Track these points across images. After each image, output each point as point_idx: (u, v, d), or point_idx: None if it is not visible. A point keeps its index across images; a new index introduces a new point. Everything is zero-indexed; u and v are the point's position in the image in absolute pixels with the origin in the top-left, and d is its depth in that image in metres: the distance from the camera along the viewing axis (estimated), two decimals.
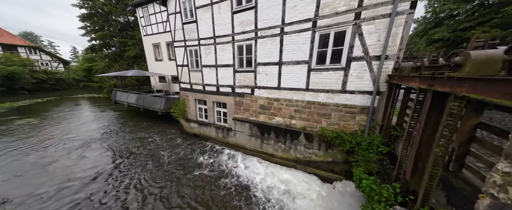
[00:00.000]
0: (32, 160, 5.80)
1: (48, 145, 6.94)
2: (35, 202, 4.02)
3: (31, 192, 4.32)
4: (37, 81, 19.78)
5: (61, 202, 4.04)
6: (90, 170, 5.33)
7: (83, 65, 22.75)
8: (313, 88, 4.58)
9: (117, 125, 9.66)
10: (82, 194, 4.30)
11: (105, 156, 6.27)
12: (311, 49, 4.37)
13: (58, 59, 26.87)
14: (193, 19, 6.52)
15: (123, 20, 15.35)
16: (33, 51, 23.96)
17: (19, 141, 7.23)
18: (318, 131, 4.70)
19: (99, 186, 4.63)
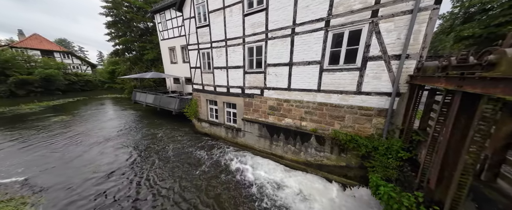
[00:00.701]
0: (64, 153, 6.48)
1: (78, 140, 7.71)
2: (66, 190, 4.50)
3: (63, 181, 4.84)
4: (69, 83, 22.05)
5: (88, 191, 4.50)
6: (111, 163, 5.82)
7: (108, 68, 25.00)
8: (325, 89, 4.45)
9: (136, 123, 10.40)
10: (104, 186, 4.71)
11: (124, 150, 6.79)
12: (323, 49, 4.26)
13: (86, 63, 29.67)
14: (206, 23, 6.80)
15: (142, 26, 16.54)
16: (66, 56, 26.75)
17: (54, 136, 8.12)
18: (331, 133, 4.53)
19: (118, 178, 5.05)
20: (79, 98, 18.33)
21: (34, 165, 5.63)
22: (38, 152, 6.49)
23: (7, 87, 17.13)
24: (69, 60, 26.77)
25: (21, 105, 14.17)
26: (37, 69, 19.02)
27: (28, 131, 8.58)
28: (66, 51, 27.00)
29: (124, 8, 15.29)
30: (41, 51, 23.61)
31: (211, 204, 4.10)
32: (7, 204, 3.89)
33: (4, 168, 5.42)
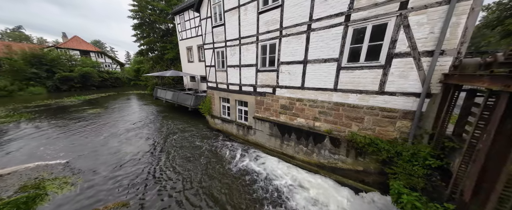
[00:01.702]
0: (97, 141, 7.31)
1: (108, 130, 8.64)
2: (98, 173, 5.10)
3: (96, 165, 5.47)
4: (102, 80, 24.69)
5: (116, 173, 5.11)
6: (135, 150, 6.52)
7: (134, 66, 27.31)
8: (343, 88, 4.19)
9: (156, 116, 11.26)
10: (130, 169, 5.27)
11: (145, 140, 7.46)
12: (342, 46, 4.01)
13: (116, 62, 32.88)
14: (222, 22, 6.95)
15: (164, 28, 17.67)
16: (100, 56, 29.94)
17: (89, 125, 9.21)
18: (347, 135, 4.27)
19: (141, 163, 5.65)
20: (110, 94, 20.36)
21: (73, 150, 6.44)
22: (76, 139, 7.43)
23: (53, 83, 19.84)
24: (102, 59, 29.92)
25: (64, 98, 16.30)
26: (77, 67, 21.71)
27: (68, 120, 9.86)
28: (100, 51, 30.24)
29: (148, 11, 16.45)
30: (80, 51, 26.88)
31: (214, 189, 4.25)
32: (53, 182, 4.56)
33: (50, 151, 6.31)
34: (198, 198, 4.17)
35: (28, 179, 4.68)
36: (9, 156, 5.93)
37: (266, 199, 4.13)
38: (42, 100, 15.18)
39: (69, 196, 4.11)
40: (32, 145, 6.80)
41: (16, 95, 17.00)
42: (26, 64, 18.23)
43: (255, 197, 4.19)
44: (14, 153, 6.13)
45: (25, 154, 6.06)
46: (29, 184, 4.42)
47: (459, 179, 2.38)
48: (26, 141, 7.15)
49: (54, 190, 4.25)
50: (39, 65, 19.05)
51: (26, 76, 18.21)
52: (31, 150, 6.39)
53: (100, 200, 4.03)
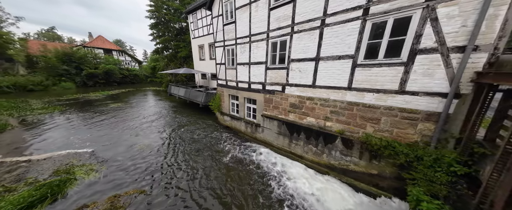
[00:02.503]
0: (118, 132, 7.87)
1: (128, 122, 9.29)
2: (119, 162, 5.48)
3: (117, 155, 5.89)
4: (123, 76, 26.39)
5: (135, 162, 5.49)
6: (151, 141, 7.01)
7: (150, 64, 28.78)
8: (358, 87, 3.96)
9: (169, 112, 11.83)
10: (147, 159, 5.64)
11: (160, 133, 7.91)
12: (358, 42, 3.78)
13: (135, 60, 34.84)
14: (233, 20, 6.95)
15: (178, 27, 18.28)
16: (121, 54, 31.90)
17: (111, 118, 9.91)
18: (361, 137, 4.05)
19: (154, 155, 5.97)
20: (129, 89, 21.68)
21: (98, 140, 6.97)
22: (100, 130, 8.04)
23: (81, 79, 21.62)
24: (122, 57, 31.88)
25: (90, 93, 17.64)
26: (101, 65, 23.40)
27: (94, 113, 10.71)
28: (121, 50, 32.24)
29: (164, 10, 17.12)
30: (103, 50, 28.87)
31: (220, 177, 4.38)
32: (81, 168, 4.99)
33: (77, 141, 6.89)
34: (203, 187, 4.35)
35: (60, 164, 5.17)
36: (45, 143, 6.60)
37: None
38: (72, 94, 16.65)
39: (94, 181, 4.48)
40: (63, 134, 7.50)
41: (50, 89, 18.78)
42: (58, 62, 20.09)
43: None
44: (49, 141, 6.80)
45: (58, 142, 6.71)
46: (61, 169, 4.88)
47: (489, 189, 2.16)
48: (58, 130, 7.90)
49: (82, 175, 4.65)
50: (69, 63, 20.89)
51: (58, 73, 20.06)
52: (62, 138, 7.05)
53: (120, 186, 4.34)
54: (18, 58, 21.02)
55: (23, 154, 5.75)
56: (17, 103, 11.79)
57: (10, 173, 4.70)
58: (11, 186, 4.10)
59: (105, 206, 1.50)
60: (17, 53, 21.31)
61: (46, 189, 3.81)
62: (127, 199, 1.59)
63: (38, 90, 17.83)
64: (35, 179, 4.40)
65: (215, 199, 4.01)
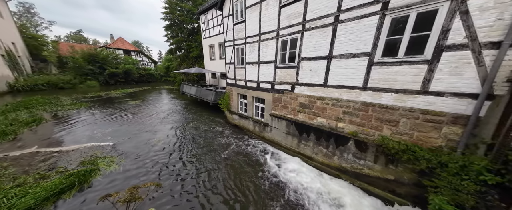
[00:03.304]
0: (137, 128, 8.36)
1: (144, 118, 9.89)
2: (137, 155, 5.82)
3: (135, 148, 6.27)
4: (140, 75, 27.95)
5: (150, 155, 5.85)
6: (165, 136, 7.45)
7: (164, 64, 30.02)
8: (374, 86, 3.73)
9: (182, 109, 12.37)
10: (162, 152, 5.95)
11: (173, 129, 8.31)
12: (375, 38, 3.55)
13: (151, 60, 36.74)
14: (243, 19, 6.96)
15: (190, 27, 18.89)
16: (138, 54, 33.82)
17: (130, 114, 10.59)
18: (377, 139, 3.82)
19: (169, 146, 6.40)
20: (146, 88, 22.96)
21: (118, 135, 7.47)
22: (120, 126, 8.61)
23: (104, 78, 23.32)
24: (140, 57, 33.81)
25: (111, 91, 18.95)
26: (121, 65, 25.00)
27: (115, 109, 11.50)
28: (138, 51, 34.21)
29: (177, 12, 17.76)
30: (123, 51, 30.85)
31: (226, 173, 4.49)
32: (103, 160, 5.35)
33: (100, 134, 7.44)
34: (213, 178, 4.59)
35: (85, 155, 5.59)
36: (73, 136, 7.22)
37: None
38: (96, 92, 18.03)
39: (115, 173, 4.80)
40: (88, 128, 8.14)
41: (77, 87, 20.50)
42: (84, 62, 21.85)
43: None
44: (77, 134, 7.43)
45: (83, 135, 7.30)
46: (86, 160, 5.27)
47: None
48: (84, 124, 8.59)
49: (104, 166, 4.97)
50: (94, 63, 22.64)
51: (84, 72, 21.83)
52: (87, 132, 7.66)
53: (136, 176, 4.67)
54: (51, 59, 23.37)
55: (55, 145, 6.34)
56: (50, 100, 12.99)
57: (44, 162, 5.21)
58: (45, 174, 4.54)
59: (125, 196, 1.64)
60: (50, 54, 23.78)
61: (74, 178, 4.16)
62: (144, 191, 1.73)
63: (67, 88, 19.55)
64: (65, 168, 4.82)
65: (223, 192, 4.12)
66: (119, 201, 1.63)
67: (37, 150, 5.87)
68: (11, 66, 16.63)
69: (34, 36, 23.67)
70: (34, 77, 18.48)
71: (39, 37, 24.89)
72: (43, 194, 3.59)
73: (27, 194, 3.60)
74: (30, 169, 4.78)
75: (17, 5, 31.11)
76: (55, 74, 21.16)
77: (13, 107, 10.41)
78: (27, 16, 32.33)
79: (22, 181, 4.14)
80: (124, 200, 1.62)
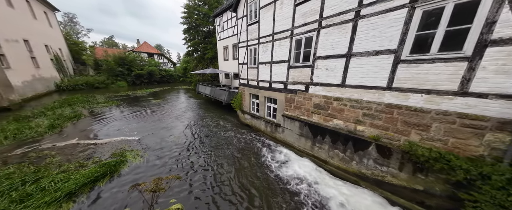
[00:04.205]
0: (158, 124, 8.95)
1: (164, 116, 10.56)
2: (159, 149, 6.24)
3: (157, 143, 6.72)
4: (161, 76, 29.99)
5: (172, 149, 6.26)
6: (182, 132, 7.94)
7: (182, 65, 31.96)
8: (401, 87, 3.40)
9: (197, 107, 13.00)
10: (180, 147, 6.38)
11: (188, 126, 8.75)
12: (403, 34, 3.24)
13: (171, 62, 39.32)
14: (256, 20, 6.99)
15: (206, 30, 19.73)
16: (160, 57, 36.42)
17: (152, 112, 11.39)
18: (403, 145, 3.47)
19: (187, 142, 6.90)
20: (166, 88, 24.61)
21: (142, 130, 8.07)
22: (144, 122, 9.32)
23: (131, 78, 25.64)
24: (161, 60, 36.33)
25: (137, 90, 20.70)
26: (145, 66, 27.22)
27: (140, 107, 12.49)
28: (160, 53, 36.86)
29: (195, 16, 18.69)
30: (147, 54, 33.53)
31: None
32: (130, 153, 5.77)
33: (128, 130, 8.10)
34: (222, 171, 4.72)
35: (116, 148, 6.10)
36: (106, 130, 7.98)
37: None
38: (124, 91, 19.88)
39: (140, 165, 5.19)
40: (118, 123, 8.94)
41: (110, 87, 22.82)
42: (115, 65, 24.32)
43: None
44: (109, 129, 8.20)
45: (114, 130, 8.02)
46: (116, 152, 5.75)
47: None
48: (115, 120, 9.44)
49: (131, 159, 5.39)
50: (123, 65, 25.08)
51: (115, 73, 24.29)
52: (117, 127, 8.40)
53: (158, 169, 5.03)
54: (89, 62, 26.48)
55: (91, 138, 7.11)
56: (88, 98, 14.58)
57: (83, 152, 5.83)
58: (84, 163, 5.09)
59: (152, 186, 1.78)
60: (88, 58, 26.88)
61: (106, 168, 4.62)
62: (167, 182, 1.89)
63: (101, 87, 21.91)
64: (99, 159, 5.32)
65: (232, 187, 4.28)
66: (146, 191, 1.73)
67: (78, 141, 6.62)
68: (58, 69, 19.21)
69: (75, 43, 27.05)
70: (75, 78, 21.15)
71: (79, 43, 28.45)
72: (82, 181, 4.03)
73: (70, 179, 4.08)
74: (72, 158, 5.42)
75: (63, 16, 35.92)
76: (92, 75, 23.96)
77: (59, 103, 11.96)
78: (70, 25, 36.96)
79: (65, 168, 4.71)
80: (150, 190, 1.72)
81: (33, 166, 4.72)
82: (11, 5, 13.34)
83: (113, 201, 3.74)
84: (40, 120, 8.54)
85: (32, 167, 4.69)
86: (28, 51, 14.69)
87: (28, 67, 14.37)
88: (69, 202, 3.60)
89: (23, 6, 14.84)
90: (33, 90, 14.38)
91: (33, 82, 14.68)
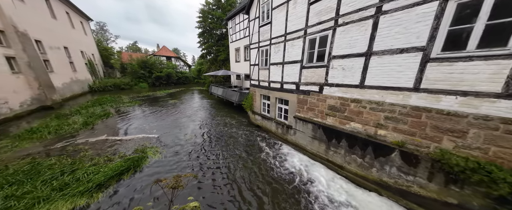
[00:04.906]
0: (175, 123, 9.44)
1: (180, 115, 11.08)
2: (175, 145, 6.59)
3: (173, 140, 7.08)
4: (178, 78, 31.75)
5: (187, 147, 6.54)
6: (195, 131, 8.31)
7: (197, 68, 33.52)
8: (430, 87, 3.08)
9: (210, 107, 13.43)
10: (193, 145, 6.61)
11: (201, 126, 9.05)
12: (433, 29, 2.93)
13: (186, 64, 41.47)
14: (268, 21, 6.97)
15: (219, 33, 20.45)
16: (177, 60, 38.68)
17: (169, 111, 12.02)
18: (433, 152, 3.13)
19: (199, 139, 7.32)
20: (181, 89, 26.05)
21: (160, 128, 8.55)
22: (162, 121, 9.86)
23: (151, 80, 27.63)
24: (178, 62, 38.56)
25: (156, 91, 22.16)
26: (164, 69, 29.02)
27: (159, 107, 13.27)
28: (177, 57, 39.21)
29: (209, 20, 19.48)
30: (166, 57, 35.83)
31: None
32: (150, 149, 6.09)
33: (148, 128, 8.65)
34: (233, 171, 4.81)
35: (138, 145, 6.50)
36: (130, 128, 8.60)
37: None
38: (146, 92, 21.46)
39: (159, 161, 5.48)
40: (140, 122, 9.60)
41: (133, 88, 24.97)
42: (138, 68, 26.55)
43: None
44: (132, 126, 8.83)
45: (137, 128, 8.62)
46: (138, 149, 6.11)
47: None
48: (137, 119, 10.17)
49: (151, 155, 5.72)
50: (144, 68, 27.25)
51: (138, 76, 26.48)
52: (139, 125, 9.02)
53: (174, 165, 5.30)
54: (116, 65, 29.26)
55: (117, 134, 7.71)
56: (115, 98, 16.00)
57: (111, 147, 6.31)
58: (111, 157, 5.51)
59: (172, 182, 1.85)
60: (115, 62, 29.76)
61: (130, 162, 4.97)
62: (185, 180, 1.97)
63: (126, 88, 24.05)
64: (124, 154, 5.71)
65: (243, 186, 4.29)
66: (166, 187, 1.78)
67: (106, 137, 7.22)
68: (91, 72, 21.56)
69: (105, 48, 30.07)
70: (105, 80, 23.53)
71: (108, 49, 31.65)
72: (110, 173, 4.39)
73: (99, 172, 4.46)
74: (101, 152, 5.89)
75: (95, 24, 40.37)
76: (118, 78, 26.51)
77: (91, 103, 13.27)
78: (101, 32, 41.30)
79: (96, 162, 5.14)
80: (170, 186, 1.76)
81: (70, 159, 5.29)
82: (54, 17, 15.27)
83: (136, 193, 4.01)
84: (76, 118, 9.53)
85: (69, 159, 5.26)
86: (67, 57, 16.61)
87: (67, 71, 16.18)
88: (99, 192, 3.92)
89: (63, 17, 16.87)
90: (70, 91, 16.15)
91: (71, 84, 16.49)
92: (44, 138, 6.91)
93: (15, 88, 9.90)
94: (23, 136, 6.93)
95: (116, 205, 3.67)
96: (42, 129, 7.61)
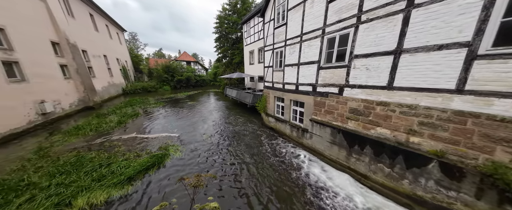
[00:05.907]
0: (193, 123, 10.05)
1: (198, 116, 11.75)
2: (194, 143, 7.03)
3: (192, 139, 7.54)
4: (196, 81, 34.12)
5: (205, 146, 6.89)
6: (212, 131, 8.65)
7: (213, 71, 35.63)
8: (479, 89, 2.63)
9: (224, 109, 13.95)
10: (210, 145, 6.93)
11: (216, 126, 9.44)
12: (480, 22, 2.52)
13: (203, 68, 44.40)
14: (284, 22, 6.92)
15: (234, 37, 21.31)
16: (195, 64, 41.70)
17: (189, 112, 12.84)
18: (482, 165, 2.64)
19: (215, 138, 7.71)
20: (199, 91, 27.83)
21: (181, 128, 9.17)
22: (183, 121, 10.58)
23: (173, 83, 30.13)
24: (196, 66, 41.52)
25: (177, 94, 24.01)
26: (184, 73, 31.57)
27: (179, 108, 14.29)
28: (195, 61, 42.32)
29: (225, 25, 20.45)
30: (186, 62, 38.94)
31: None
32: (172, 147, 6.52)
33: (170, 127, 9.32)
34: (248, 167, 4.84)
35: (162, 143, 7.00)
36: (155, 127, 9.41)
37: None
38: (168, 94, 23.50)
39: (179, 158, 5.85)
40: (163, 121, 10.45)
41: (158, 91, 27.62)
42: (163, 72, 29.40)
43: None
44: (157, 126, 9.64)
45: (160, 127, 9.39)
46: (162, 146, 6.57)
47: None
48: (161, 119, 11.12)
49: (173, 152, 6.12)
50: (168, 72, 30.00)
51: (162, 79, 29.22)
52: (163, 124, 9.82)
53: (192, 163, 5.56)
54: (144, 70, 32.90)
55: (145, 133, 8.50)
56: (143, 100, 17.83)
57: (139, 144, 6.89)
58: (139, 153, 6.03)
59: (194, 181, 1.96)
60: (144, 67, 33.44)
61: (155, 159, 5.39)
62: (205, 179, 2.08)
63: (152, 91, 26.74)
64: (150, 151, 6.19)
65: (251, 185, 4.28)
66: (189, 185, 1.89)
67: (136, 135, 8.02)
68: (124, 77, 24.69)
69: (136, 55, 34.18)
70: (135, 84, 26.65)
71: (138, 56, 35.97)
72: (138, 168, 4.84)
73: (130, 166, 4.93)
74: (131, 148, 6.47)
75: (128, 35, 46.22)
76: (146, 81, 29.80)
77: (124, 104, 14.99)
78: (132, 41, 47.39)
79: (127, 157, 5.67)
80: (192, 185, 1.86)
81: (106, 153, 5.99)
82: (97, 29, 18.02)
83: (160, 188, 4.36)
84: (112, 117, 10.81)
85: (106, 153, 5.94)
86: (106, 64, 19.19)
87: (106, 76, 18.70)
88: (129, 185, 4.36)
89: (104, 29, 19.76)
90: (108, 93, 18.58)
91: (108, 87, 18.97)
92: (87, 134, 7.96)
93: (66, 91, 11.79)
94: (71, 132, 8.11)
95: (144, 197, 4.04)
96: (86, 126, 8.80)
